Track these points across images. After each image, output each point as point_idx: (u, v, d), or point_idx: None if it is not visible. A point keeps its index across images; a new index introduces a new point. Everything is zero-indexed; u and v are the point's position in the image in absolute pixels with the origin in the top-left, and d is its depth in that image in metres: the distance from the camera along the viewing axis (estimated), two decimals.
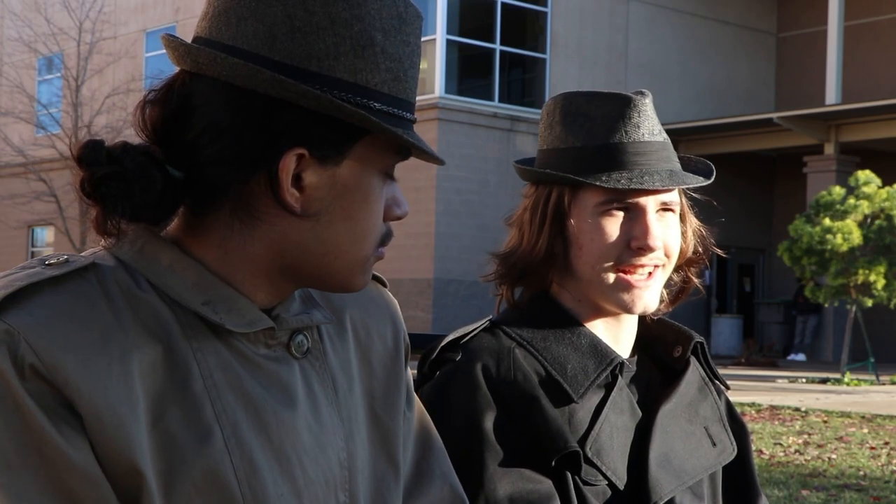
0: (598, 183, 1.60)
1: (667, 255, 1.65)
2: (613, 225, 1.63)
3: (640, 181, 1.60)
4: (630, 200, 1.63)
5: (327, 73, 1.09)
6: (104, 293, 1.09)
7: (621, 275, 1.63)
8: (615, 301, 1.64)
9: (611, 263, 1.63)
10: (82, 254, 1.14)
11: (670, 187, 1.63)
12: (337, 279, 1.17)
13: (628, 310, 1.65)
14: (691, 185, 1.65)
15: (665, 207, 1.65)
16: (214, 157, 1.10)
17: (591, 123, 1.64)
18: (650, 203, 1.63)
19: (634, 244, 1.62)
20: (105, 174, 1.09)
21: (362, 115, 1.09)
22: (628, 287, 1.63)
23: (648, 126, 1.64)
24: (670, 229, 1.66)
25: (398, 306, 1.38)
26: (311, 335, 1.22)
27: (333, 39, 1.09)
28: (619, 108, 1.63)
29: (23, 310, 1.04)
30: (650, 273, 1.64)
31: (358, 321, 1.30)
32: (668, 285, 1.74)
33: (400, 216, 1.19)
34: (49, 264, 1.09)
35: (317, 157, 1.10)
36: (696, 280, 1.77)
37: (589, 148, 1.63)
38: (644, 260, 1.63)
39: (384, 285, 1.37)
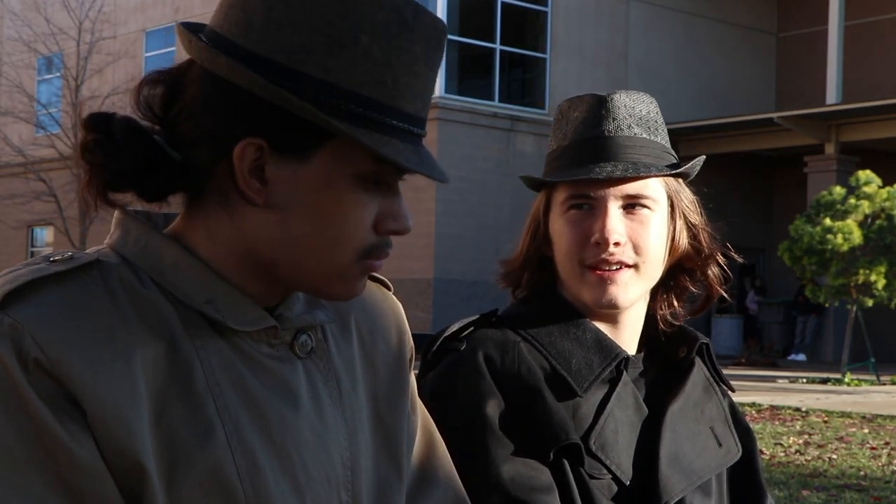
0: (549, 178, 1.66)
1: (637, 253, 1.63)
2: (576, 222, 1.64)
3: (587, 173, 1.61)
4: (592, 196, 1.63)
5: (294, 68, 1.08)
6: (108, 290, 1.09)
7: (588, 270, 1.63)
8: (587, 297, 1.65)
9: (578, 260, 1.64)
10: (87, 251, 1.14)
11: (615, 176, 1.61)
12: (313, 283, 1.15)
13: (597, 304, 1.64)
14: (648, 176, 1.63)
15: (634, 202, 1.64)
16: (187, 141, 1.12)
17: (567, 125, 1.67)
18: (611, 197, 1.63)
19: (593, 239, 1.62)
20: (92, 139, 1.11)
21: (311, 110, 1.06)
22: (595, 282, 1.63)
23: (617, 122, 1.64)
24: (641, 225, 1.64)
25: (403, 310, 1.37)
26: (315, 335, 1.21)
27: (307, 35, 1.08)
28: (589, 107, 1.66)
29: (27, 304, 1.04)
30: (618, 269, 1.63)
31: (362, 323, 1.30)
32: (682, 291, 1.74)
33: (396, 230, 1.15)
34: (53, 261, 1.10)
35: (278, 150, 1.09)
36: (718, 286, 1.74)
37: (560, 149, 1.67)
38: (605, 255, 1.62)
39: (389, 289, 1.36)
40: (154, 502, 1.05)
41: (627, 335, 1.70)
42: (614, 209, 1.62)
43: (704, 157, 1.77)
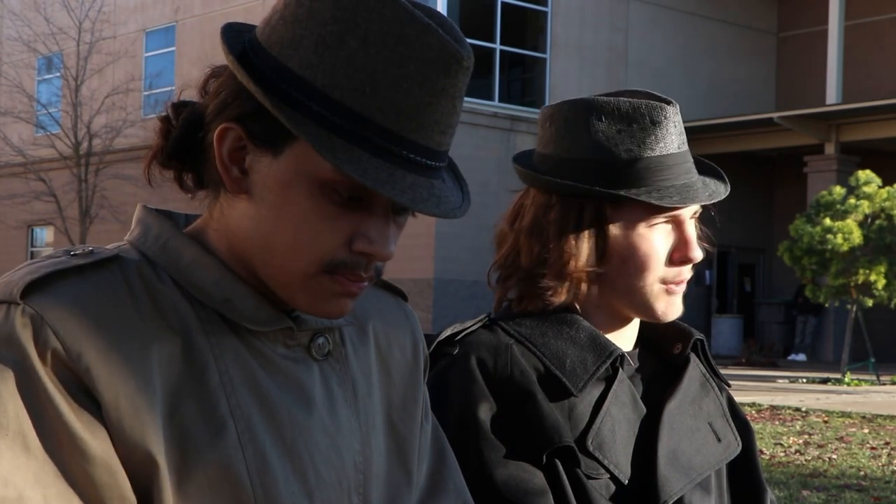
0: (652, 201, 1.58)
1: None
2: (659, 238, 1.63)
3: (689, 196, 1.60)
4: (673, 213, 1.63)
5: (281, 61, 1.08)
6: (127, 285, 1.10)
7: (663, 285, 1.63)
8: (652, 311, 1.65)
9: (656, 275, 1.63)
10: (107, 246, 1.16)
11: (711, 201, 1.63)
12: (279, 286, 1.14)
13: (663, 319, 1.66)
14: (723, 197, 1.66)
15: (694, 216, 1.67)
16: (205, 120, 1.14)
17: (625, 135, 1.60)
18: (687, 214, 1.64)
19: (678, 255, 1.63)
20: (161, 118, 1.16)
21: (261, 93, 1.06)
22: (667, 297, 1.64)
23: (679, 137, 1.63)
24: (696, 237, 1.67)
25: (418, 320, 1.38)
26: (333, 338, 1.22)
27: (301, 32, 1.08)
28: (652, 119, 1.60)
29: (48, 295, 1.06)
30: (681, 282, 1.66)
31: (380, 331, 1.30)
32: None
33: (368, 253, 1.11)
34: (74, 254, 1.11)
35: (254, 141, 1.10)
36: None
37: (627, 161, 1.60)
38: (685, 271, 1.64)
39: (405, 299, 1.37)
40: (164, 496, 1.06)
41: (627, 334, 1.71)
42: (690, 225, 1.64)
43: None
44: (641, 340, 1.75)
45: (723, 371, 1.81)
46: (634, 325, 1.72)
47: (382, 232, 1.12)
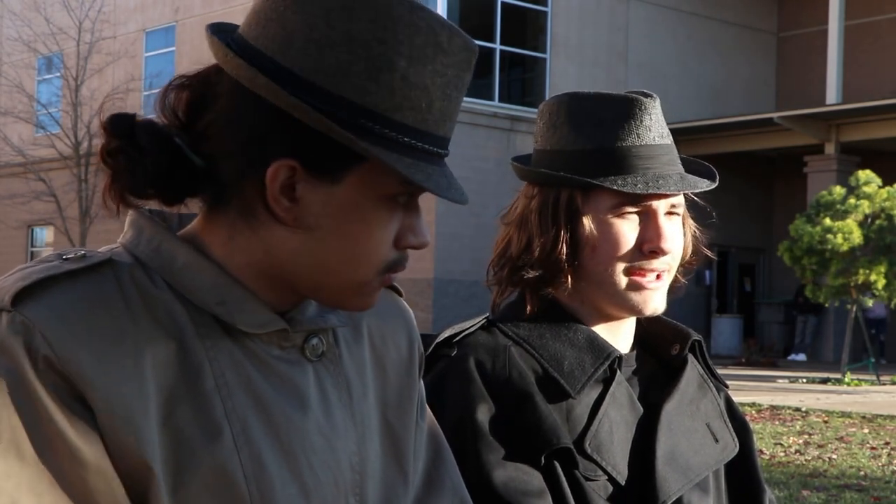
0: (615, 187, 1.59)
1: (672, 259, 1.66)
2: (627, 227, 1.62)
3: (656, 185, 1.60)
4: (643, 203, 1.62)
5: (332, 90, 1.07)
6: (120, 289, 1.09)
7: (633, 277, 1.63)
8: (625, 304, 1.64)
9: (623, 266, 1.62)
10: (99, 250, 1.15)
11: (683, 191, 1.63)
12: (330, 297, 1.16)
13: (639, 312, 1.65)
14: (702, 189, 1.65)
15: (673, 210, 1.65)
16: (217, 151, 1.11)
17: (600, 126, 1.63)
18: (661, 206, 1.63)
19: (647, 247, 1.62)
20: (116, 145, 1.10)
21: (350, 138, 1.05)
22: (640, 289, 1.63)
23: (658, 129, 1.63)
24: (678, 232, 1.66)
25: (413, 316, 1.37)
26: (326, 338, 1.21)
27: (347, 57, 1.06)
28: (628, 110, 1.62)
29: (39, 302, 1.05)
30: (658, 276, 1.64)
31: (374, 328, 1.30)
32: (673, 285, 1.74)
33: (416, 245, 1.16)
34: (66, 259, 1.10)
35: (310, 172, 1.09)
36: (682, 279, 1.76)
37: (600, 150, 1.62)
38: (655, 263, 1.63)
39: (400, 295, 1.37)
40: (160, 502, 1.06)
41: (623, 335, 1.71)
42: (663, 217, 1.63)
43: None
44: (639, 342, 1.75)
45: (723, 371, 1.81)
46: (630, 325, 1.72)
47: (422, 222, 1.17)
